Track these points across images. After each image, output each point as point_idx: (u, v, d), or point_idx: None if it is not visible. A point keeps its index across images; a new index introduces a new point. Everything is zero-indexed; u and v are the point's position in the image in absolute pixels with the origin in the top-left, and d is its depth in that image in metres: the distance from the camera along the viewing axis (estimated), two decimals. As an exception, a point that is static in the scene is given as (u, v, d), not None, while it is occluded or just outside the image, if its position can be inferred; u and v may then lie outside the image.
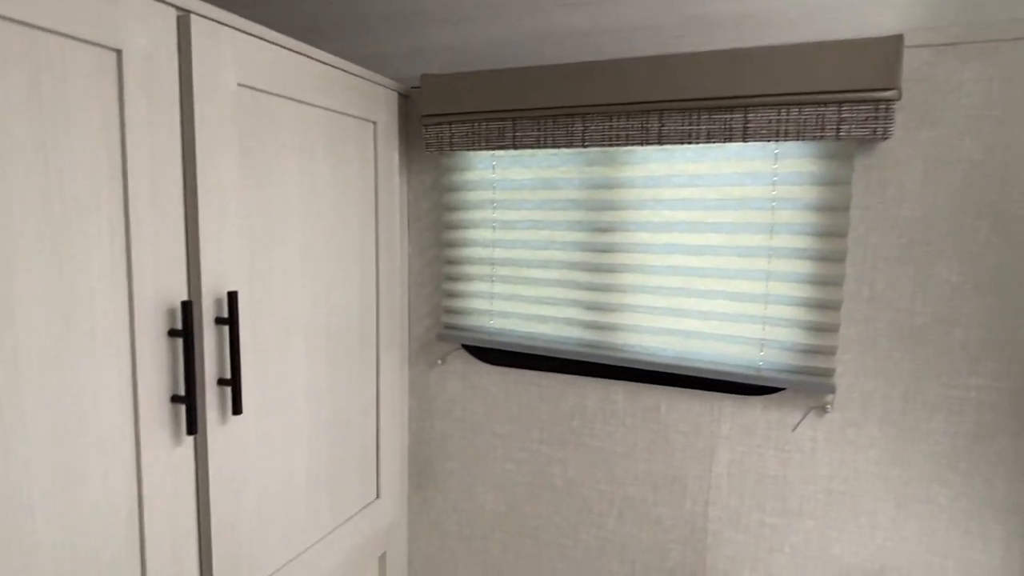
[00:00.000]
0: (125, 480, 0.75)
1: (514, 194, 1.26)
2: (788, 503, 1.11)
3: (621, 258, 1.17)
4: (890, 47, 0.91)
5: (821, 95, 0.95)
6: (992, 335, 0.97)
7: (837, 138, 0.95)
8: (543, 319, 1.26)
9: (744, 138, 1.01)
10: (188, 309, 0.77)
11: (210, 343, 0.84)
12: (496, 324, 1.31)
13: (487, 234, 1.29)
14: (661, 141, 1.06)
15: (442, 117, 1.23)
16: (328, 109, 1.06)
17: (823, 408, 1.07)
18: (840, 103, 0.95)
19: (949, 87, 0.95)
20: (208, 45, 0.81)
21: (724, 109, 1.01)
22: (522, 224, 1.26)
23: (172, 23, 0.77)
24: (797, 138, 0.98)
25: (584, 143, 1.12)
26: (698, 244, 1.11)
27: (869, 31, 0.99)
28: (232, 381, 0.85)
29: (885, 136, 0.93)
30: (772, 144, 1.04)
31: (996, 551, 0.99)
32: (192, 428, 0.79)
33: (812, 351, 1.05)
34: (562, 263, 1.23)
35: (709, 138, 1.03)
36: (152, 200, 0.75)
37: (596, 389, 1.25)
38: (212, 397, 0.85)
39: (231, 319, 0.84)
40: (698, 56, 1.01)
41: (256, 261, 0.93)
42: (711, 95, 1.01)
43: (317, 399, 1.08)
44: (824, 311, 1.04)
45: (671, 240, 1.13)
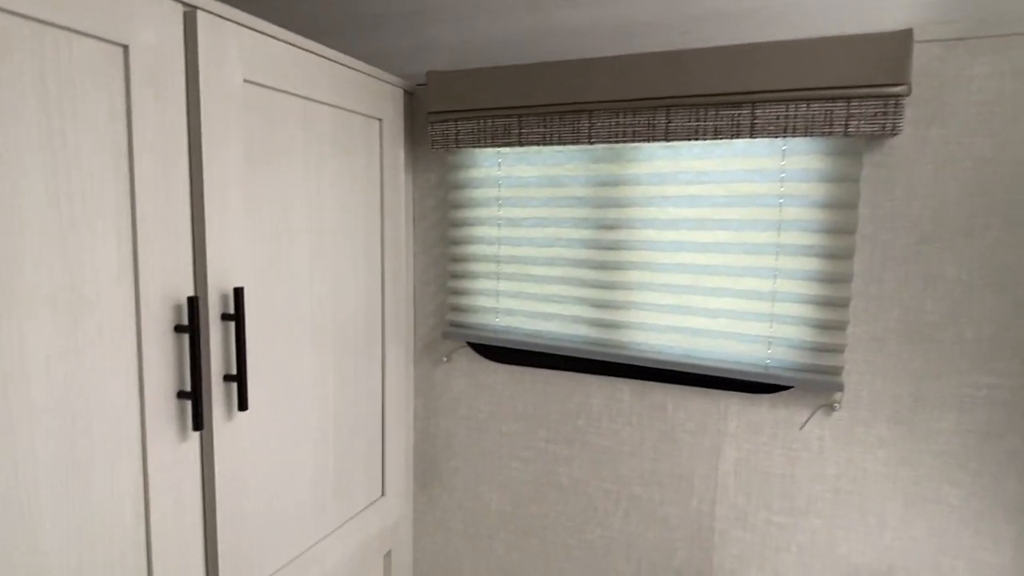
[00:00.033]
0: (131, 475, 0.75)
1: (520, 191, 1.25)
2: (795, 502, 1.10)
3: (627, 255, 1.17)
4: (900, 42, 0.90)
5: (829, 91, 0.94)
6: (1003, 333, 0.96)
7: (846, 134, 0.95)
8: (549, 317, 1.26)
9: (752, 134, 1.00)
10: (194, 305, 0.78)
11: (216, 339, 0.84)
12: (502, 322, 1.31)
13: (493, 231, 1.29)
14: (668, 137, 1.06)
15: (448, 114, 1.22)
16: (334, 106, 1.06)
17: (831, 407, 1.06)
18: (849, 99, 0.94)
19: (959, 82, 0.94)
20: (214, 41, 0.81)
21: (732, 105, 1.01)
22: (528, 221, 1.25)
23: (179, 18, 0.77)
24: (805, 134, 0.97)
25: (590, 140, 1.12)
26: (705, 241, 1.10)
27: (878, 26, 0.98)
28: (238, 377, 0.86)
29: (894, 132, 0.92)
30: (780, 140, 1.04)
31: (1007, 551, 0.98)
32: (198, 424, 0.79)
33: (820, 349, 1.04)
34: (568, 260, 1.22)
35: (716, 134, 1.02)
36: (158, 196, 0.75)
37: (602, 387, 1.24)
38: (218, 393, 0.85)
39: (237, 315, 0.84)
40: (705, 51, 1.00)
41: (262, 257, 0.93)
42: (718, 91, 1.00)
43: (322, 396, 1.08)
44: (832, 309, 1.03)
45: (678, 237, 1.13)
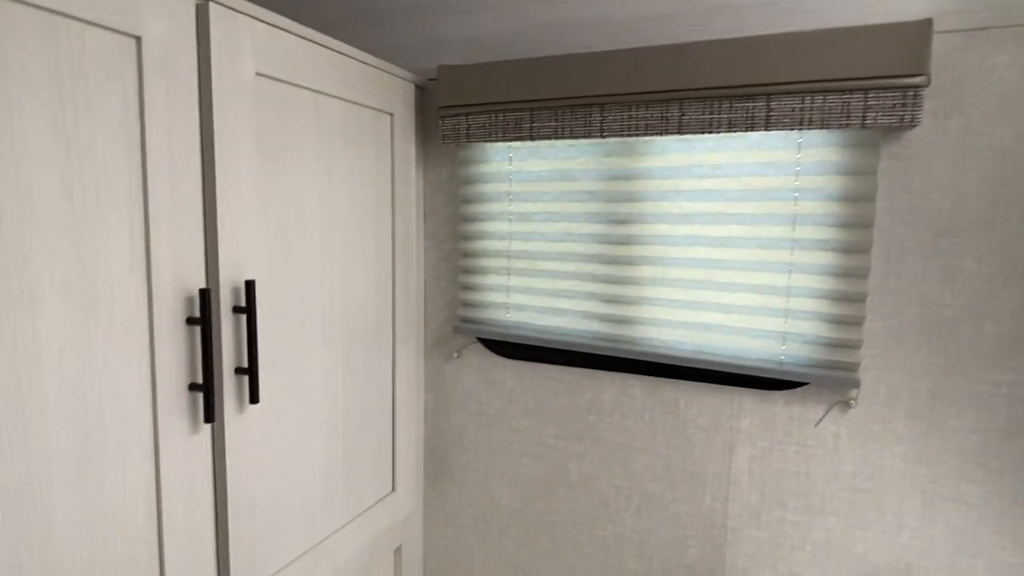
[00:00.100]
0: (143, 467, 0.75)
1: (531, 186, 1.25)
2: (810, 500, 1.09)
3: (640, 250, 1.16)
4: (919, 32, 0.88)
5: (846, 82, 0.93)
6: (1024, 329, 0.94)
7: (863, 126, 0.93)
8: (560, 312, 1.25)
9: (767, 127, 0.99)
10: (206, 297, 0.78)
11: (227, 332, 0.85)
12: (512, 317, 1.30)
13: (504, 227, 1.28)
14: (681, 130, 1.04)
15: (459, 108, 1.22)
16: (346, 100, 1.05)
17: (847, 403, 1.05)
18: (866, 90, 0.92)
19: (980, 73, 0.93)
20: (227, 33, 0.81)
21: (746, 97, 0.99)
22: (539, 216, 1.25)
23: (191, 10, 0.77)
24: (821, 126, 0.95)
25: (602, 133, 1.11)
26: (719, 236, 1.09)
27: (896, 15, 0.97)
28: (249, 370, 0.85)
29: (913, 124, 0.91)
30: (795, 133, 1.02)
31: (1027, 551, 0.96)
32: (209, 416, 0.79)
33: (836, 345, 1.03)
34: (579, 256, 1.22)
35: (731, 127, 1.01)
36: (171, 188, 0.75)
37: (613, 383, 1.23)
38: (229, 386, 0.85)
39: (248, 308, 0.84)
40: (719, 43, 0.99)
41: (273, 251, 0.93)
42: (733, 83, 0.99)
43: (333, 390, 1.08)
44: (849, 304, 1.02)
45: (691, 232, 1.11)
